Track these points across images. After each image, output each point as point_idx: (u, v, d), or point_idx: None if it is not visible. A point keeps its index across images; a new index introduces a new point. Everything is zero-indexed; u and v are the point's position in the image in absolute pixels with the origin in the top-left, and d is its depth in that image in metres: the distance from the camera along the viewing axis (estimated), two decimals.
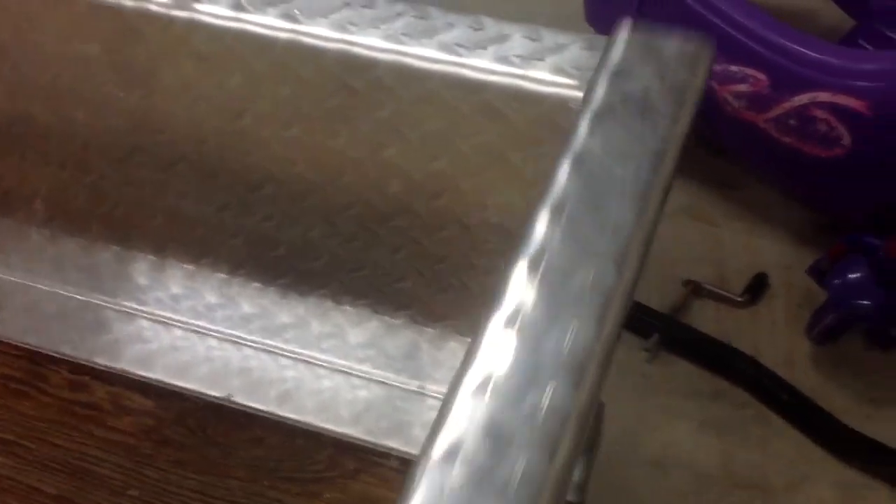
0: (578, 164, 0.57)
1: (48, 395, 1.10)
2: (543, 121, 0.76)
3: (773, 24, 1.55)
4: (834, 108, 1.49)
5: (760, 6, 1.64)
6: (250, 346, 1.10)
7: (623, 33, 0.66)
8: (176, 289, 1.12)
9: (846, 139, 1.50)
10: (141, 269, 1.13)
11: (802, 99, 1.52)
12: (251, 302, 1.10)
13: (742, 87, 1.61)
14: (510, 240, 0.87)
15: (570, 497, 1.06)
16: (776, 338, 1.76)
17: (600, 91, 0.61)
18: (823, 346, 1.68)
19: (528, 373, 0.49)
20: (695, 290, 1.87)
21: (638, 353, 1.81)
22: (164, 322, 1.12)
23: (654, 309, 1.83)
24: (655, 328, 1.80)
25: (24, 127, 1.03)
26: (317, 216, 0.94)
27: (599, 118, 0.59)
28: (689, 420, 1.74)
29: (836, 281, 1.49)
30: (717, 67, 1.62)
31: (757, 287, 1.82)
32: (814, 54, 1.50)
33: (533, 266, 0.53)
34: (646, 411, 1.75)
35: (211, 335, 1.11)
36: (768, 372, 1.71)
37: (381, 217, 0.91)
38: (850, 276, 1.47)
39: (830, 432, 1.57)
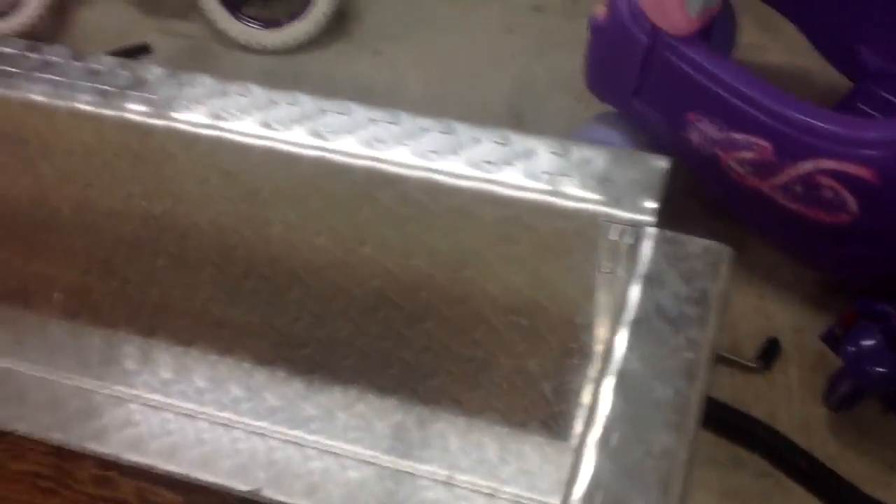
0: (621, 382, 0.62)
1: (75, 491, 1.11)
2: (573, 233, 0.79)
3: (775, 94, 1.58)
4: (838, 176, 1.51)
5: (760, 74, 1.66)
6: (276, 439, 1.11)
7: (649, 240, 0.70)
8: (200, 382, 1.14)
9: (852, 205, 1.53)
10: (165, 361, 1.15)
11: (807, 167, 1.55)
12: (276, 394, 1.12)
13: (747, 155, 1.63)
14: (538, 340, 0.89)
15: None
16: (792, 404, 1.78)
17: (634, 300, 0.66)
18: (841, 413, 1.69)
19: None
20: None
21: None
22: (189, 415, 1.14)
23: None
24: None
25: (51, 230, 1.05)
26: (345, 318, 0.96)
27: (636, 329, 0.63)
28: (710, 490, 1.74)
29: (851, 349, 1.51)
30: (721, 135, 1.65)
31: (769, 352, 1.83)
32: (817, 123, 1.53)
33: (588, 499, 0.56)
34: None
35: (236, 428, 1.13)
36: (786, 440, 1.72)
37: (409, 320, 0.93)
38: (863, 343, 1.49)
39: (852, 501, 1.57)
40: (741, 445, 1.76)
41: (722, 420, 1.77)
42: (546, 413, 0.96)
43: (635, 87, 1.82)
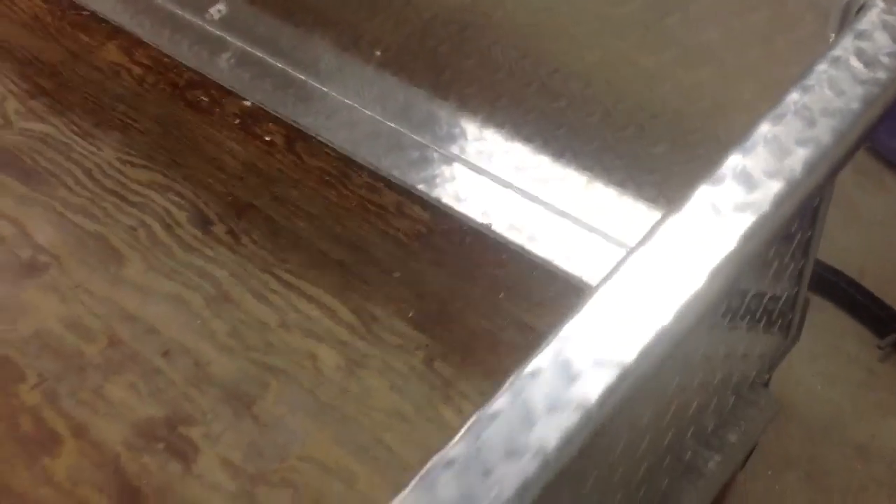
0: (803, 91, 0.72)
1: (349, 191, 1.37)
2: (812, 2, 0.90)
3: None
4: None
5: None
6: (515, 191, 1.30)
7: (877, 8, 0.79)
8: (468, 135, 1.34)
9: None
10: (443, 114, 1.37)
11: None
12: (526, 154, 1.30)
13: None
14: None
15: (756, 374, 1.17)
16: None
17: (839, 42, 0.75)
18: None
19: None
20: None
21: (871, 348, 1.85)
22: (451, 158, 1.35)
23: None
24: (894, 329, 1.82)
25: None
26: (598, 73, 1.12)
27: (832, 61, 0.73)
28: None
29: None
30: None
31: None
32: None
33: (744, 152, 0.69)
34: (863, 402, 1.79)
35: (486, 175, 1.32)
36: None
37: (648, 81, 1.08)
38: None
39: None
40: None
41: None
42: None
43: None
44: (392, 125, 1.41)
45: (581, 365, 0.58)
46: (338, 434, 1.14)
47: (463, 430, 0.54)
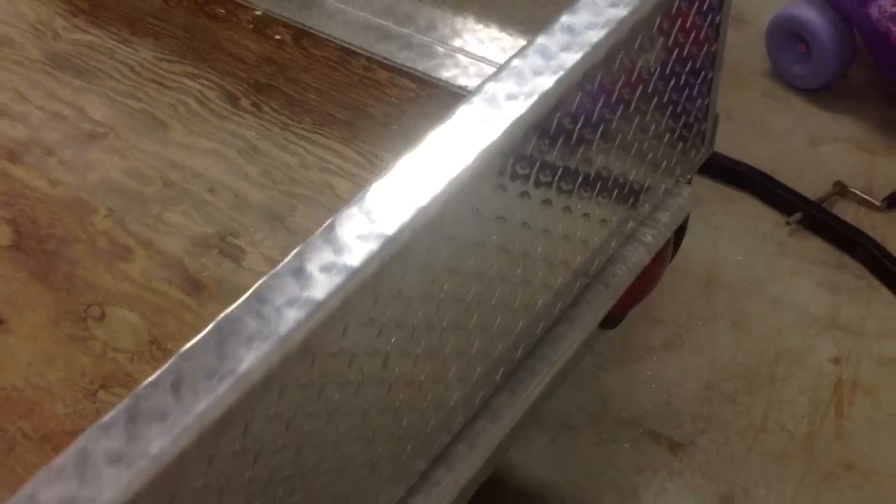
0: None
1: (349, 71, 1.69)
2: None
3: None
4: None
5: None
6: (485, 62, 1.62)
7: None
8: (444, 22, 1.66)
9: None
10: (423, 8, 1.69)
11: None
12: (486, 34, 1.62)
13: None
14: None
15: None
16: None
17: None
18: None
19: None
20: (841, 190, 2.24)
21: (781, 227, 2.21)
22: (429, 42, 1.67)
23: (803, 194, 2.21)
24: (800, 209, 2.18)
25: None
26: None
27: None
28: (811, 279, 2.11)
29: None
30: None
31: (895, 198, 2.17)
32: None
33: None
34: (775, 267, 2.14)
35: (459, 52, 1.64)
36: (889, 255, 2.06)
37: None
38: None
39: None
40: (850, 255, 2.11)
41: (838, 233, 2.13)
42: None
43: None
44: (384, 23, 1.73)
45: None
46: None
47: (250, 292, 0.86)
